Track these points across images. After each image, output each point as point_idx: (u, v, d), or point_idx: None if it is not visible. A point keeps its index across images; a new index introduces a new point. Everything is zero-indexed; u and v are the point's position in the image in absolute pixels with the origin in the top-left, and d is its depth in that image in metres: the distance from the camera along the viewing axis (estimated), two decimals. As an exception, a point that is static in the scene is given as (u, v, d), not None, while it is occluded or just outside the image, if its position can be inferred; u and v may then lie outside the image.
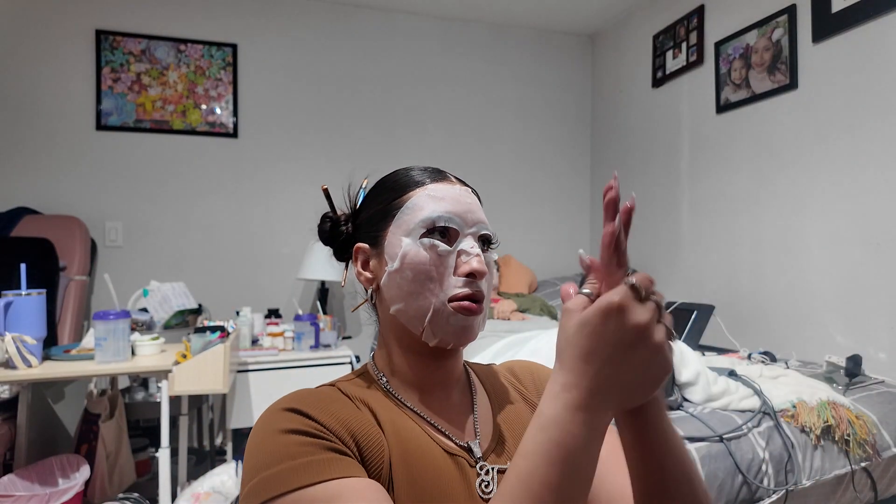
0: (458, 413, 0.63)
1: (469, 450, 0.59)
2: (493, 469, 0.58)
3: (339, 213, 0.69)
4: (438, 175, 0.63)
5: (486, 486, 0.57)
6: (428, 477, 0.54)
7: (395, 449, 0.54)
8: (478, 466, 0.58)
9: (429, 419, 0.60)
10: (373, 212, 0.63)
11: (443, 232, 0.59)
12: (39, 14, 2.66)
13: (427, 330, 0.58)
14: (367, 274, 0.63)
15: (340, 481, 0.47)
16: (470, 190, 0.64)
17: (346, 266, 0.69)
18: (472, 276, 0.58)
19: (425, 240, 0.58)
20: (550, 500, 0.40)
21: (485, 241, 0.62)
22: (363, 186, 0.69)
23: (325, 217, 0.68)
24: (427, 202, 0.60)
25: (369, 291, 0.64)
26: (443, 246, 0.58)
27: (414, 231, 0.59)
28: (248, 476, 0.49)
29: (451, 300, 0.57)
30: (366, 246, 0.64)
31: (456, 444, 0.59)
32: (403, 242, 0.59)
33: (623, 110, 3.25)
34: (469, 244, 0.59)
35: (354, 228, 0.67)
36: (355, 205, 0.68)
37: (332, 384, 0.61)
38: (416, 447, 0.56)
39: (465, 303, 0.57)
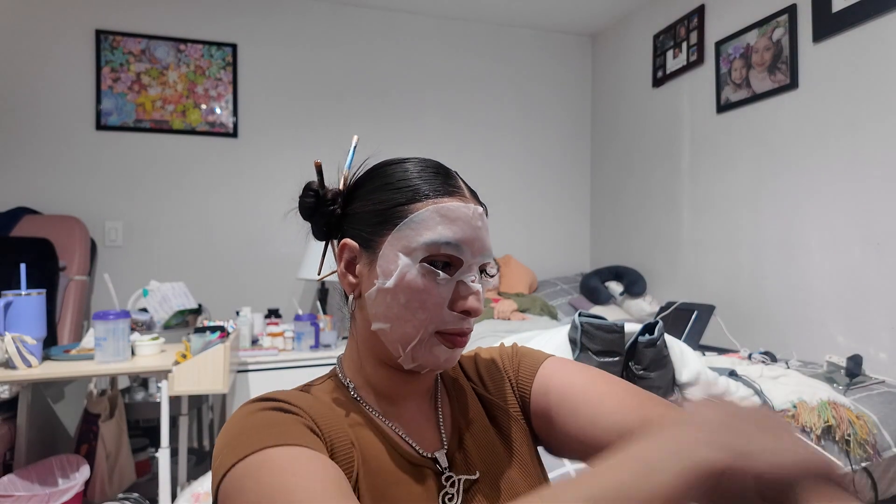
0: (426, 422, 0.60)
1: (435, 461, 0.57)
2: (458, 481, 0.57)
3: (327, 189, 0.61)
4: (451, 186, 0.56)
5: (450, 500, 0.55)
6: (390, 489, 0.52)
7: (361, 459, 0.52)
8: (443, 478, 0.56)
9: (395, 429, 0.57)
10: (370, 209, 0.56)
11: (446, 258, 0.54)
12: (39, 14, 2.65)
13: (407, 356, 0.54)
14: (351, 278, 0.58)
15: (312, 452, 0.45)
16: (482, 209, 0.58)
17: (325, 248, 0.63)
18: (467, 314, 0.55)
19: (426, 265, 0.53)
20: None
21: (484, 270, 0.58)
22: (354, 144, 0.63)
23: (308, 188, 0.60)
24: (436, 222, 0.53)
25: (350, 298, 0.59)
26: (443, 275, 0.53)
27: (415, 252, 0.53)
28: (217, 456, 0.47)
29: (439, 332, 0.54)
30: (355, 245, 0.57)
31: (420, 455, 0.57)
32: (401, 262, 0.53)
33: (623, 110, 3.25)
34: (471, 277, 0.55)
35: (344, 214, 0.60)
36: (348, 182, 0.61)
37: (306, 389, 0.58)
38: (379, 458, 0.54)
39: (451, 338, 0.55)
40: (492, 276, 0.59)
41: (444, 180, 0.56)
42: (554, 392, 0.61)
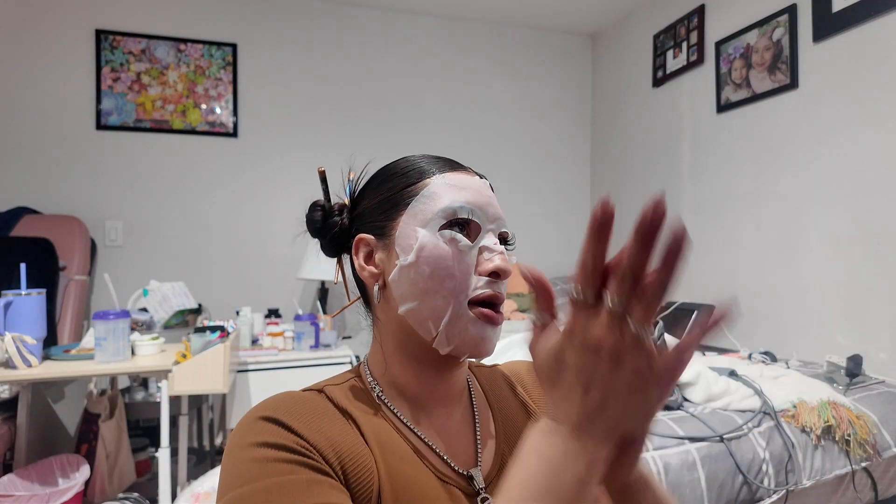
0: (459, 433, 0.56)
1: (470, 479, 0.53)
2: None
3: (332, 201, 0.60)
4: (453, 164, 0.57)
5: None
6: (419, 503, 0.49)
7: (384, 474, 0.48)
8: (479, 499, 0.52)
9: (425, 440, 0.53)
10: (378, 200, 0.56)
11: (462, 225, 0.53)
12: (39, 14, 2.65)
13: (441, 335, 0.51)
14: (372, 268, 0.56)
15: None
16: (488, 182, 0.58)
17: (339, 261, 0.62)
18: (496, 276, 0.52)
19: (445, 232, 0.52)
20: None
21: (503, 240, 0.56)
22: (353, 179, 0.61)
23: (314, 205, 0.60)
24: (447, 191, 0.53)
25: (375, 289, 0.55)
26: (464, 241, 0.52)
27: (432, 222, 0.52)
28: (220, 494, 0.44)
29: (472, 302, 0.52)
30: (370, 237, 0.56)
31: (455, 471, 0.53)
32: (420, 233, 0.52)
33: (623, 110, 3.25)
34: (491, 240, 0.54)
35: (351, 220, 0.59)
36: (354, 193, 0.60)
37: (319, 389, 0.54)
38: (405, 472, 0.50)
39: (488, 311, 0.52)
40: (511, 248, 0.58)
41: (446, 161, 0.58)
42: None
